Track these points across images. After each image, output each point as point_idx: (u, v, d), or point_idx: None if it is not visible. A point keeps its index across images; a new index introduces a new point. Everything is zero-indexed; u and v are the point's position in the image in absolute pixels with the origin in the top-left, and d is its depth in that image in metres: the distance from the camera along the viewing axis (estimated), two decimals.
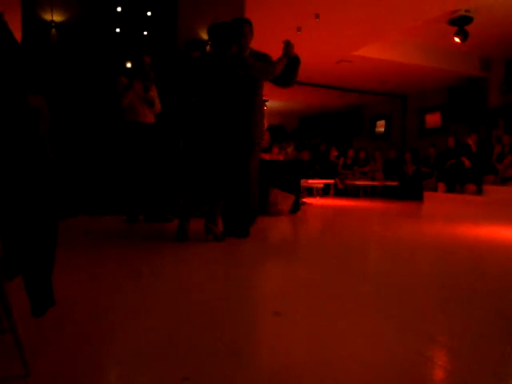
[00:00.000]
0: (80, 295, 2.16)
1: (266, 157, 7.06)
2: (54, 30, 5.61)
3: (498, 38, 9.32)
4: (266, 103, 14.79)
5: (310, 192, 10.95)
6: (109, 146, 5.67)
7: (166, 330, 1.74)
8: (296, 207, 6.61)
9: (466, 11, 7.86)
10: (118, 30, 6.01)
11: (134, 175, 5.04)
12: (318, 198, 10.36)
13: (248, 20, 4.16)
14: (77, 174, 5.57)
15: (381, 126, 14.69)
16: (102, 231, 4.43)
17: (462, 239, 4.44)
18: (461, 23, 8.12)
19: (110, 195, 5.63)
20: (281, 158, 10.13)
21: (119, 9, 5.99)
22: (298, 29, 8.57)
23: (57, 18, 5.63)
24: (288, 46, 4.09)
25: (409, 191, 11.23)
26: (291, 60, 4.11)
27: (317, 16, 7.80)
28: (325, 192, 11.33)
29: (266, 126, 8.07)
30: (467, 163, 9.69)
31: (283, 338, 1.70)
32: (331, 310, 2.03)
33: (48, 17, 5.58)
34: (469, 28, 8.13)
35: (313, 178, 10.92)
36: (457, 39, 8.26)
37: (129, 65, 5.98)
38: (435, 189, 10.46)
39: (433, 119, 12.62)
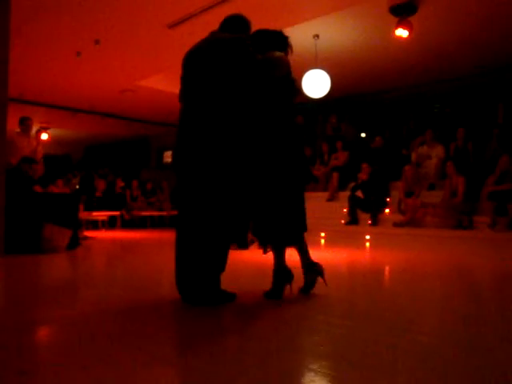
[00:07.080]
0: None
1: (39, 189, 6.39)
2: None
3: None
4: (49, 131, 13.57)
5: (95, 225, 10.37)
6: None
7: None
8: (75, 242, 6.09)
9: None
10: None
11: None
12: (103, 231, 9.84)
13: None
14: None
15: (168, 157, 14.93)
16: None
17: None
18: None
19: None
20: (67, 190, 9.36)
21: None
22: (78, 53, 8.17)
23: None
24: None
25: None
26: None
27: (96, 42, 7.55)
28: (111, 224, 10.83)
29: (41, 155, 7.34)
30: None
31: None
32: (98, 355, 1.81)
33: None
34: None
35: (98, 209, 10.39)
36: None
37: None
38: None
39: None
